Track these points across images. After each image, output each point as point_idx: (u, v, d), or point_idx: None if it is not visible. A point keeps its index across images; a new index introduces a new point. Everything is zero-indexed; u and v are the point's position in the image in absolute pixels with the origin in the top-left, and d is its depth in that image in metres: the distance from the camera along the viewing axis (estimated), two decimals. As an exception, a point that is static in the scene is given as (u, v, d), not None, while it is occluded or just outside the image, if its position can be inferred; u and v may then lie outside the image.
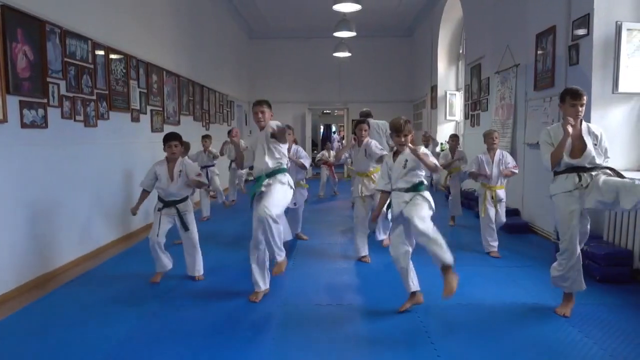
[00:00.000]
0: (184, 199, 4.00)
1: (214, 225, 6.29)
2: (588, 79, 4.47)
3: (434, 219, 3.18)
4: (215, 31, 9.79)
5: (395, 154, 3.35)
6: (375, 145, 4.63)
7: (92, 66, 4.77)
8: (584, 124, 3.18)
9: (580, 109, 3.09)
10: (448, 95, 10.01)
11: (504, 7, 6.56)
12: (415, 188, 3.23)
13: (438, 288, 3.53)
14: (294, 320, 3.16)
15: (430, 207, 3.18)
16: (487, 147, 4.83)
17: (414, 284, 3.24)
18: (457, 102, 9.93)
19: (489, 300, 3.39)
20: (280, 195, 3.45)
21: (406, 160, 3.24)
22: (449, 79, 10.32)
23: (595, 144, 3.12)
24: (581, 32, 4.58)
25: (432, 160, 3.24)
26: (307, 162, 5.13)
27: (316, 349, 2.74)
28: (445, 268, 2.95)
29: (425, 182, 3.31)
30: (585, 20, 4.49)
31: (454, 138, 6.46)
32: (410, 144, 3.27)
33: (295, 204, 5.07)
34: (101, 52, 4.98)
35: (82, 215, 4.62)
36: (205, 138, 6.78)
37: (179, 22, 7.54)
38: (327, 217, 7.18)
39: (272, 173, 3.51)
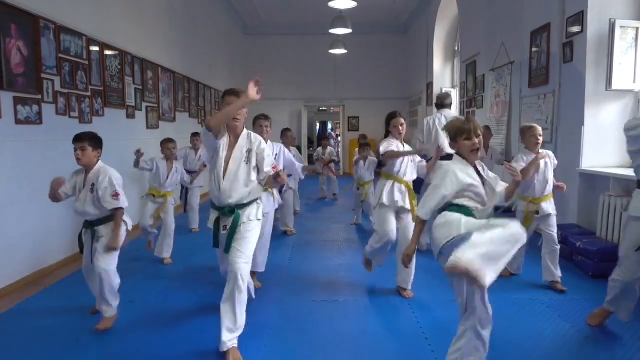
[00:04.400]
0: (103, 221, 2.95)
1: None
2: (582, 76, 4.50)
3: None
4: (210, 27, 9.75)
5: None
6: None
7: (86, 62, 4.74)
8: None
9: None
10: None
11: (499, 5, 6.57)
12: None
13: (434, 288, 3.57)
14: (289, 317, 3.17)
15: None
16: (527, 146, 3.63)
17: None
18: (452, 99, 9.95)
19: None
20: (254, 240, 2.69)
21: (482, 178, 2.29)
22: (444, 76, 10.33)
23: None
24: (575, 29, 4.60)
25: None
26: (299, 169, 4.27)
27: (312, 345, 2.75)
28: None
29: None
30: (580, 18, 4.52)
31: (484, 130, 5.27)
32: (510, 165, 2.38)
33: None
34: (96, 48, 4.96)
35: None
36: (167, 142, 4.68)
37: (173, 17, 7.51)
38: (327, 223, 7.17)
39: (247, 204, 2.70)
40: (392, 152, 3.48)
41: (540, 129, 3.59)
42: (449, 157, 2.40)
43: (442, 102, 5.13)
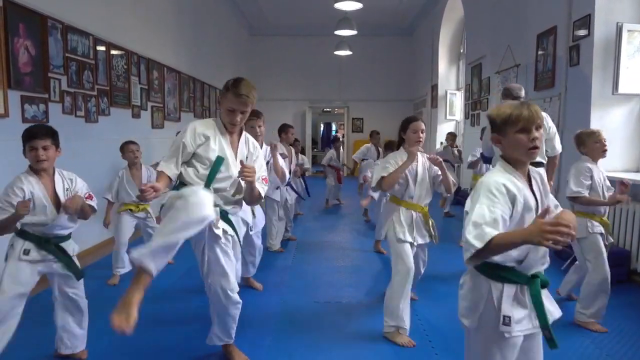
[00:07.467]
0: (68, 237, 2.59)
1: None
2: (588, 80, 4.48)
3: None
4: (216, 27, 9.78)
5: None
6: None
7: (93, 62, 4.77)
8: None
9: None
10: (448, 95, 10.01)
11: (505, 7, 6.57)
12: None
13: (437, 290, 3.57)
14: (292, 318, 3.18)
15: None
16: (589, 154, 3.05)
17: None
18: (457, 101, 9.94)
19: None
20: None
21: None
22: (449, 79, 10.33)
23: None
24: (582, 32, 4.59)
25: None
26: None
27: (315, 346, 2.76)
28: None
29: None
30: (586, 21, 4.50)
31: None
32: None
33: (250, 228, 3.21)
34: (102, 48, 4.99)
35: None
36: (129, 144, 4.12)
37: (179, 18, 7.54)
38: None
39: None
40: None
41: (603, 133, 3.02)
42: None
43: (515, 96, 3.78)
